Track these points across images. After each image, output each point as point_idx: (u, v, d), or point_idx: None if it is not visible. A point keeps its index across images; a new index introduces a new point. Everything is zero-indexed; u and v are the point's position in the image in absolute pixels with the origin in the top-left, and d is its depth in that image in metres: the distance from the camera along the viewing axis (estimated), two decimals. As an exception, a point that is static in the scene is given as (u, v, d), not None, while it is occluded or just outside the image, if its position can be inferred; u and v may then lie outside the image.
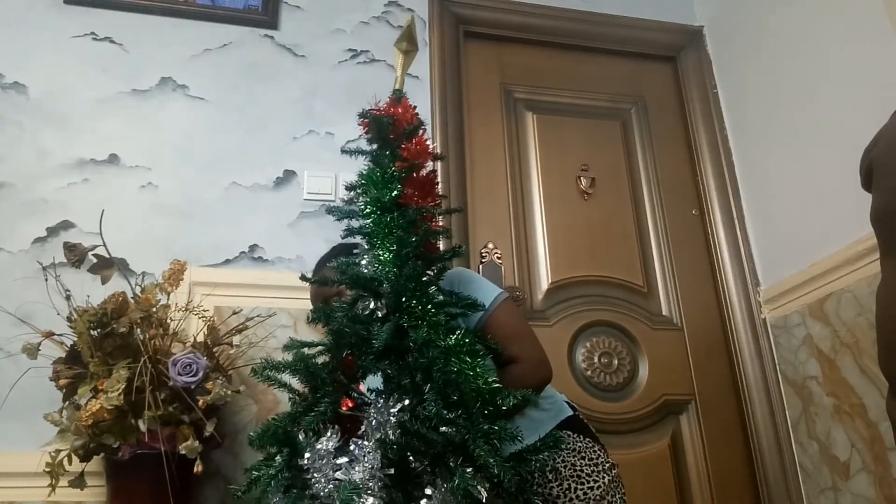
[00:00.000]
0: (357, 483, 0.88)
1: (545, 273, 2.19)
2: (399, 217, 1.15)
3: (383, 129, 1.24)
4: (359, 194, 1.23)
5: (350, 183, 1.26)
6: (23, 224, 1.80)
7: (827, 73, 1.98)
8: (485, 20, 2.45)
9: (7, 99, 1.91)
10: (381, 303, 1.08)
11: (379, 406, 0.94)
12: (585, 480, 1.22)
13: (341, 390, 1.02)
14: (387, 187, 1.16)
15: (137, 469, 1.41)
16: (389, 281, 1.07)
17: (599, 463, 1.25)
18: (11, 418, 1.55)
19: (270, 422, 1.00)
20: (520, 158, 2.33)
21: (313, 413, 0.97)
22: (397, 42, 1.43)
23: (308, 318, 1.11)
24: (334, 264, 1.14)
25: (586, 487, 1.21)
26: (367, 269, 1.11)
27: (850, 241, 1.81)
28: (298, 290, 1.86)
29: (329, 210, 1.28)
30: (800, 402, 2.02)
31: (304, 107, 2.13)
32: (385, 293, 1.07)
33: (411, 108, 1.30)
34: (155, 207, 1.91)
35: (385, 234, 1.12)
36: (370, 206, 1.17)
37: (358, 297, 1.11)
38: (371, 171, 1.21)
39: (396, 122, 1.26)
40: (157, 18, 2.11)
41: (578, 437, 1.28)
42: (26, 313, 1.63)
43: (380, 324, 1.04)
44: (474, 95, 2.37)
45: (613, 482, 1.25)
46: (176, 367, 1.41)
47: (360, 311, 1.08)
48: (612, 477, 1.25)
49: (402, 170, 1.21)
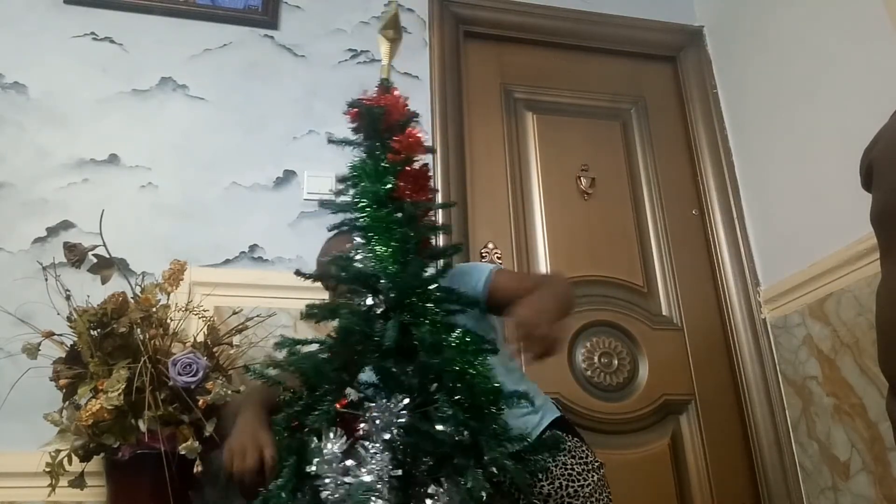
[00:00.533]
0: (370, 484, 0.86)
1: (545, 272, 2.19)
2: (396, 211, 1.13)
3: (375, 119, 1.20)
4: (349, 187, 1.19)
5: (342, 175, 1.22)
6: (23, 224, 1.80)
7: (827, 73, 1.98)
8: (485, 20, 2.45)
9: (7, 99, 1.91)
10: (380, 299, 1.06)
11: (382, 405, 0.93)
12: (576, 479, 1.23)
13: (342, 388, 1.01)
14: (380, 180, 1.14)
15: (137, 469, 1.40)
16: (389, 277, 1.05)
17: (589, 462, 1.27)
18: (11, 418, 1.55)
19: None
20: (520, 158, 2.33)
21: (317, 413, 0.96)
22: (382, 29, 1.38)
23: (301, 314, 1.08)
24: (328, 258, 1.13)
25: (577, 486, 1.22)
26: (363, 265, 1.08)
27: (850, 241, 1.81)
28: (298, 290, 1.85)
29: (322, 203, 1.25)
30: (800, 402, 2.02)
31: (304, 107, 2.13)
32: (384, 289, 1.05)
33: (401, 98, 1.27)
34: (155, 207, 1.91)
35: (383, 229, 1.10)
36: (364, 199, 1.14)
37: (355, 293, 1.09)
38: (363, 162, 1.18)
39: (388, 112, 1.22)
40: (157, 18, 2.11)
41: (567, 436, 1.29)
42: (26, 313, 1.63)
43: (382, 321, 1.03)
44: (474, 95, 2.37)
45: (601, 481, 1.27)
46: (176, 367, 1.41)
47: (358, 307, 1.06)
48: (599, 476, 1.27)
49: (396, 162, 1.18)
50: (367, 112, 1.21)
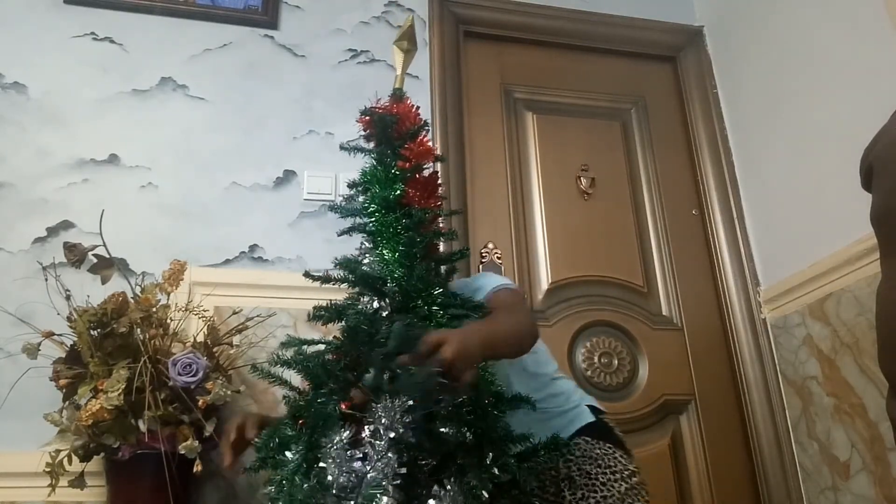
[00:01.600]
0: (379, 480, 0.87)
1: (545, 273, 2.19)
2: (404, 217, 1.15)
3: (387, 127, 1.24)
4: (359, 192, 1.22)
5: (352, 181, 1.25)
6: (23, 224, 1.80)
7: (827, 73, 1.98)
8: (485, 20, 2.45)
9: (7, 99, 1.91)
10: (385, 302, 1.07)
11: (387, 405, 0.93)
12: (599, 489, 1.19)
13: (348, 388, 1.01)
14: (391, 186, 1.16)
15: (137, 469, 1.41)
16: (395, 280, 1.06)
17: (617, 470, 1.22)
18: (11, 418, 1.55)
19: (275, 429, 0.99)
20: (520, 158, 2.33)
21: (322, 409, 0.96)
22: (397, 41, 1.43)
23: (309, 315, 1.10)
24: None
25: (599, 496, 1.18)
26: (370, 268, 1.10)
27: (850, 241, 1.81)
28: (298, 289, 1.86)
29: (332, 208, 1.28)
30: (800, 402, 2.02)
31: (304, 107, 2.13)
32: (390, 292, 1.07)
33: (414, 107, 1.31)
34: (155, 207, 1.91)
35: (391, 234, 1.11)
36: (374, 204, 1.16)
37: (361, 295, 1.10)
38: (374, 168, 1.21)
39: (400, 120, 1.25)
40: (157, 18, 2.11)
41: (597, 443, 1.24)
42: (26, 313, 1.63)
43: (387, 323, 1.04)
44: (474, 95, 2.37)
45: (633, 489, 1.20)
46: (176, 367, 1.41)
47: (365, 309, 1.07)
48: (630, 485, 1.20)
49: (407, 169, 1.20)
50: (380, 120, 1.24)
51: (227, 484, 1.66)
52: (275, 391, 1.76)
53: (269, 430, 1.01)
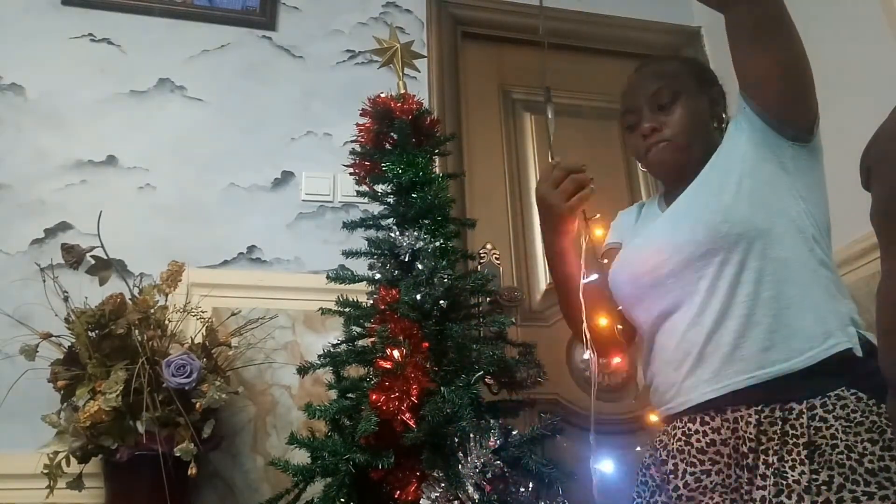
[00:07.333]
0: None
1: (543, 273, 2.18)
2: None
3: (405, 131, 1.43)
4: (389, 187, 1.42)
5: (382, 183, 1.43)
6: (20, 225, 1.80)
7: (826, 73, 1.96)
8: (483, 21, 2.45)
9: (4, 100, 1.91)
10: None
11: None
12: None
13: None
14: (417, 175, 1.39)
15: (135, 470, 1.40)
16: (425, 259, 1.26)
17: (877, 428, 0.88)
18: (9, 420, 1.54)
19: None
20: (518, 159, 2.33)
21: None
22: (382, 66, 1.57)
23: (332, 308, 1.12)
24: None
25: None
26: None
27: (850, 240, 1.80)
28: (297, 290, 1.87)
29: (356, 223, 1.39)
30: (799, 402, 2.01)
31: (302, 108, 2.13)
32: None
33: (411, 96, 1.47)
34: (153, 208, 1.90)
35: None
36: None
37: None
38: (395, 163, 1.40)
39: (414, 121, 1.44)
40: (154, 19, 2.11)
41: (851, 391, 0.92)
42: (24, 315, 1.62)
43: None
44: (472, 96, 2.37)
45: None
46: (170, 369, 1.40)
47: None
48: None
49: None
50: (401, 127, 1.41)
51: (225, 485, 1.66)
52: (273, 392, 1.76)
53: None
